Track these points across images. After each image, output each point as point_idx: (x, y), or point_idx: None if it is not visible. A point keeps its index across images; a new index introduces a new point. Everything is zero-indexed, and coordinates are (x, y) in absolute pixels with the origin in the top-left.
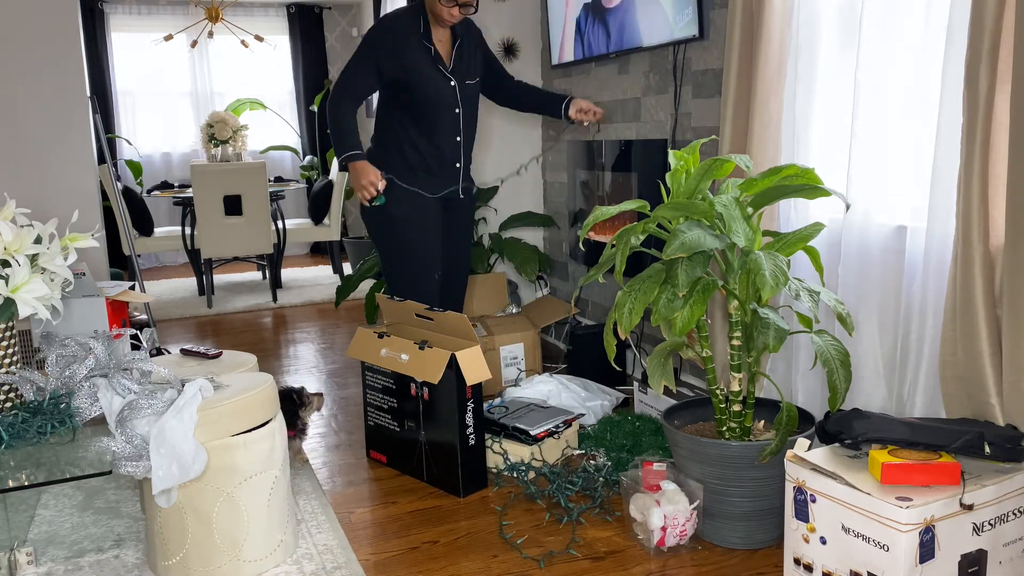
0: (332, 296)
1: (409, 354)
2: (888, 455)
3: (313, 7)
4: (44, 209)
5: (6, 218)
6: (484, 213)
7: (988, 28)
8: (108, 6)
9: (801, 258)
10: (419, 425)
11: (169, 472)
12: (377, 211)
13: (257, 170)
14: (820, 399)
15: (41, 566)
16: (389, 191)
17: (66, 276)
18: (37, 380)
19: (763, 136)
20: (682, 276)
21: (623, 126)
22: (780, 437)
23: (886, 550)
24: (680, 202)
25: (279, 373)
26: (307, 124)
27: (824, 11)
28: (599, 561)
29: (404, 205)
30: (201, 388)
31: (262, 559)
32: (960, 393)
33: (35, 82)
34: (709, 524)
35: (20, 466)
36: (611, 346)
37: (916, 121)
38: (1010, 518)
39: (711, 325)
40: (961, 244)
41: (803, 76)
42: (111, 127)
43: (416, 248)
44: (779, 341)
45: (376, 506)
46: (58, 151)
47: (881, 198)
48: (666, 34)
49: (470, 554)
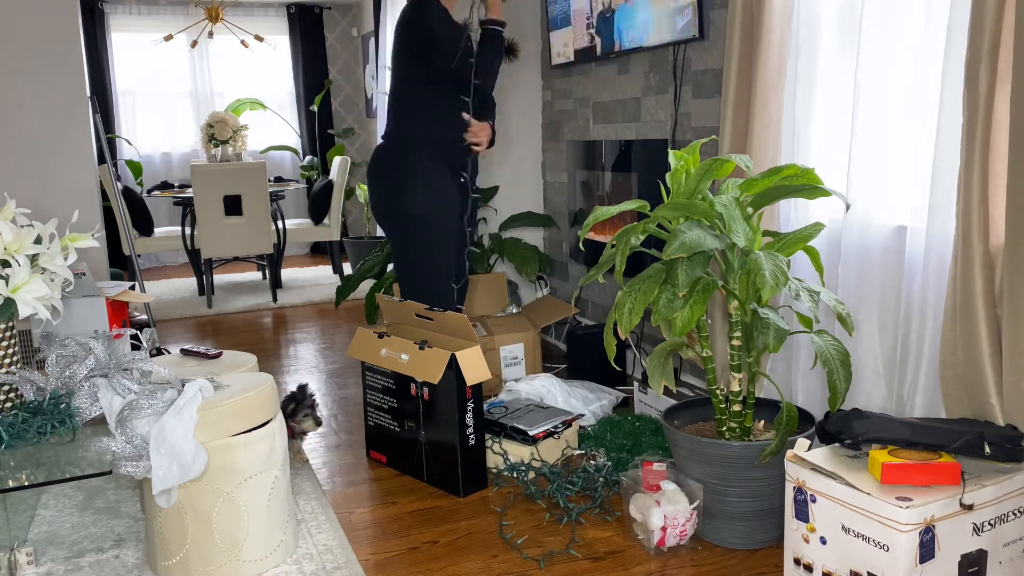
0: (332, 296)
1: (409, 354)
2: (888, 455)
3: (313, 7)
4: (44, 209)
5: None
6: (484, 213)
7: (988, 28)
8: (108, 6)
9: (801, 258)
10: (419, 425)
11: (169, 472)
12: (407, 211)
13: (257, 170)
14: (820, 399)
15: (41, 566)
16: (426, 185)
17: (66, 276)
18: (37, 380)
19: (763, 136)
20: (682, 276)
21: (623, 126)
22: (780, 437)
23: (886, 550)
24: (680, 202)
25: (279, 373)
26: (307, 124)
27: (824, 11)
28: (599, 561)
29: (444, 200)
30: (201, 388)
31: (262, 559)
32: (960, 393)
33: (35, 82)
34: (709, 524)
35: (20, 466)
36: (611, 346)
37: (916, 121)
38: (1010, 518)
39: (711, 325)
40: (961, 244)
41: (803, 76)
42: (111, 127)
43: (443, 251)
44: (779, 341)
45: (376, 506)
46: (58, 151)
47: (881, 198)
48: (666, 34)
49: (470, 554)
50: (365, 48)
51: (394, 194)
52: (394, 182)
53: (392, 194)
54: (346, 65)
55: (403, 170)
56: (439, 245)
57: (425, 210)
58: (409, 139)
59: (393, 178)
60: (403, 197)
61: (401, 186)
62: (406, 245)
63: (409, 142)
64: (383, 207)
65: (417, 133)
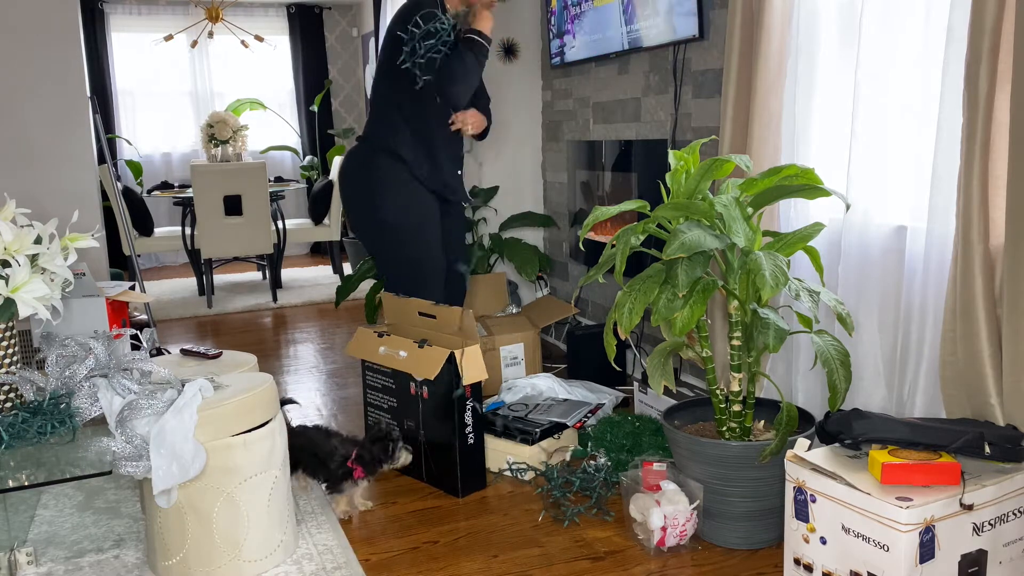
0: (332, 296)
1: (407, 351)
2: (888, 455)
3: (313, 7)
4: (44, 209)
5: (6, 218)
6: (484, 213)
7: (988, 28)
8: (108, 6)
9: (801, 258)
10: (418, 424)
11: (169, 472)
12: (383, 219)
13: (257, 170)
14: (820, 399)
15: (41, 566)
16: (397, 193)
17: (66, 276)
18: (37, 380)
19: (763, 136)
20: (682, 276)
21: (623, 126)
22: (780, 437)
23: (886, 550)
24: (680, 202)
25: (279, 373)
26: (307, 124)
27: (824, 11)
28: (599, 561)
29: (413, 210)
30: (201, 388)
31: (262, 559)
32: (960, 393)
33: (35, 82)
34: (709, 524)
35: (20, 466)
36: (611, 346)
37: (916, 121)
38: (1010, 518)
39: (711, 325)
40: (961, 244)
41: (803, 76)
42: (111, 127)
43: (423, 256)
44: (779, 341)
45: (376, 506)
46: (58, 151)
47: (881, 198)
48: (666, 34)
49: (470, 554)
50: (365, 48)
51: (365, 202)
52: (364, 189)
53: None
54: (346, 65)
55: (373, 175)
56: (419, 255)
57: (398, 219)
58: (380, 142)
59: (363, 184)
60: (374, 205)
61: (371, 194)
62: (384, 257)
63: (379, 145)
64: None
65: (387, 137)
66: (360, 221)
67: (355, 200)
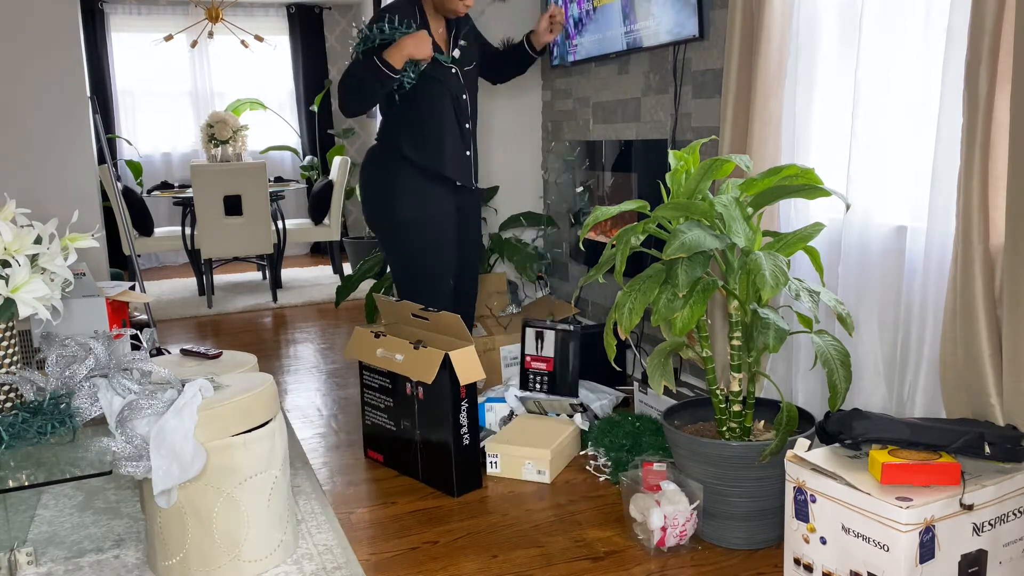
0: (332, 296)
1: (404, 354)
2: (888, 455)
3: (313, 7)
4: (44, 209)
5: (6, 218)
6: (484, 213)
7: (988, 29)
8: (108, 6)
9: (801, 258)
10: (414, 424)
11: (169, 472)
12: (395, 217)
13: (257, 170)
14: (820, 399)
15: (41, 566)
16: (409, 192)
17: (66, 276)
18: (37, 380)
19: (763, 136)
20: (682, 276)
21: (623, 126)
22: (780, 437)
23: (886, 550)
24: (680, 202)
25: (279, 373)
26: (307, 124)
27: (824, 11)
28: (599, 561)
29: (425, 208)
30: (201, 388)
31: (262, 559)
32: (960, 393)
33: (35, 82)
34: (709, 524)
35: (20, 466)
36: (611, 346)
37: (916, 121)
38: (1010, 518)
39: (711, 325)
40: (961, 244)
41: (803, 76)
42: (111, 127)
43: (434, 255)
44: (779, 341)
45: (376, 506)
46: (58, 151)
47: (881, 198)
48: (666, 34)
49: (470, 554)
50: None
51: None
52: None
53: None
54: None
55: (388, 172)
56: (428, 248)
57: (408, 216)
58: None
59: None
60: (385, 201)
61: (380, 192)
62: (394, 251)
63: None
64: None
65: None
66: (371, 219)
67: (365, 199)
